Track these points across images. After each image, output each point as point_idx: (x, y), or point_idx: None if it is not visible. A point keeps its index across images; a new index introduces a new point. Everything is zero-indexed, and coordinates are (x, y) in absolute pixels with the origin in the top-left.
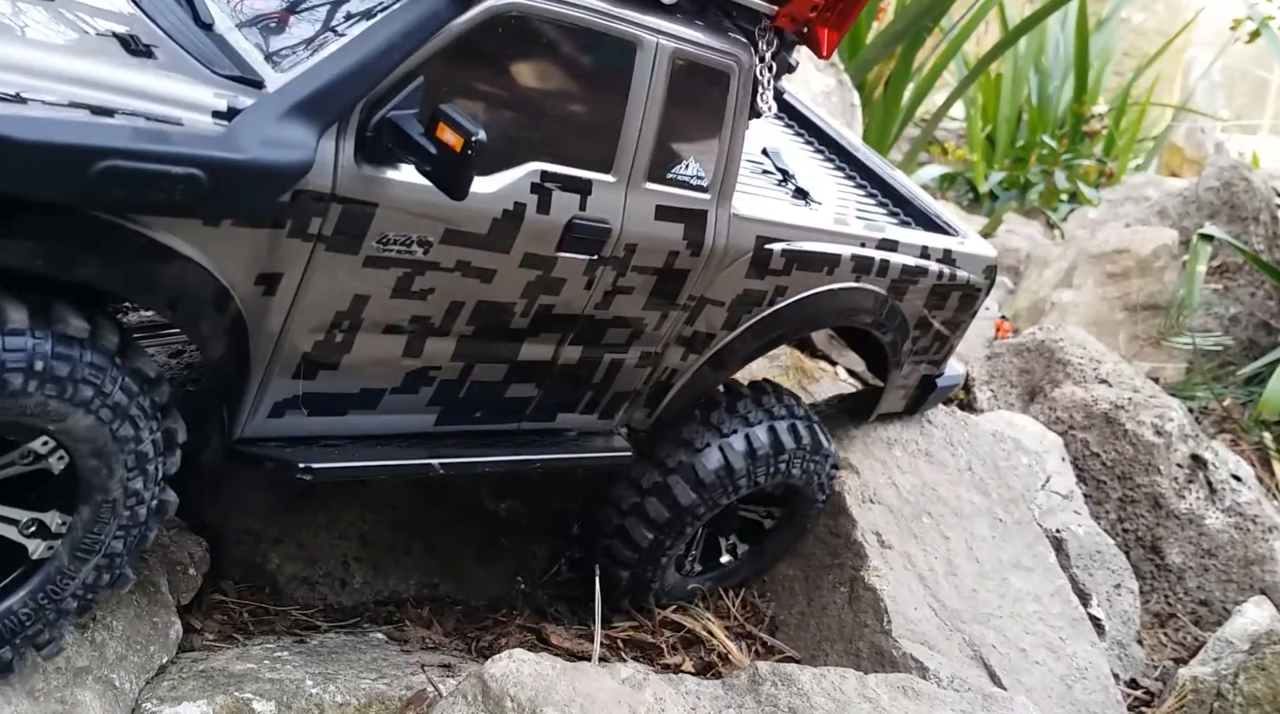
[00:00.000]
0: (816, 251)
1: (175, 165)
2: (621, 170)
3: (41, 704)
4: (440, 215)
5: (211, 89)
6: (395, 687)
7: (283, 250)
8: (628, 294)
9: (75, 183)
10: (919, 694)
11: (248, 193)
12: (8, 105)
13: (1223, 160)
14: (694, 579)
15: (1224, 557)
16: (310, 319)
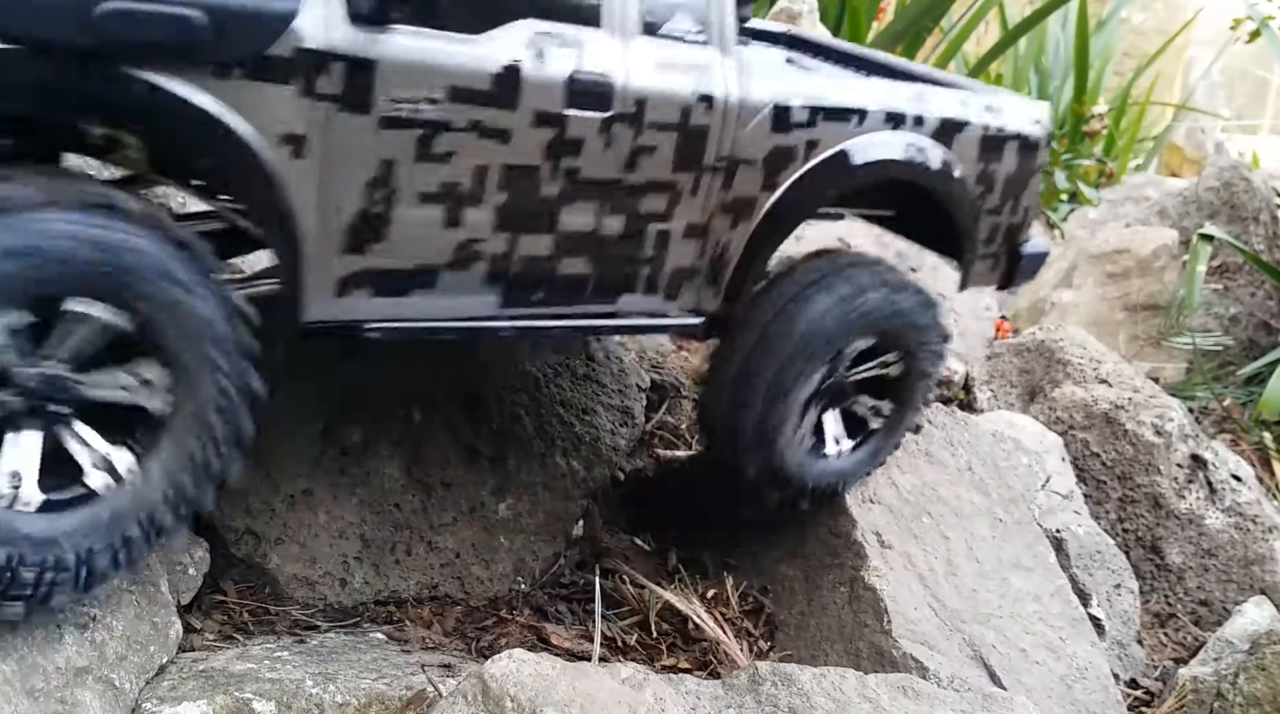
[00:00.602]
0: (840, 104)
1: (171, 6)
2: (612, 23)
3: (41, 704)
4: (441, 71)
5: None
6: (395, 687)
7: (299, 110)
8: (652, 154)
9: (82, 22)
10: (919, 694)
11: (246, 36)
12: None
13: (1223, 160)
14: (843, 460)
15: (1224, 557)
16: (346, 183)
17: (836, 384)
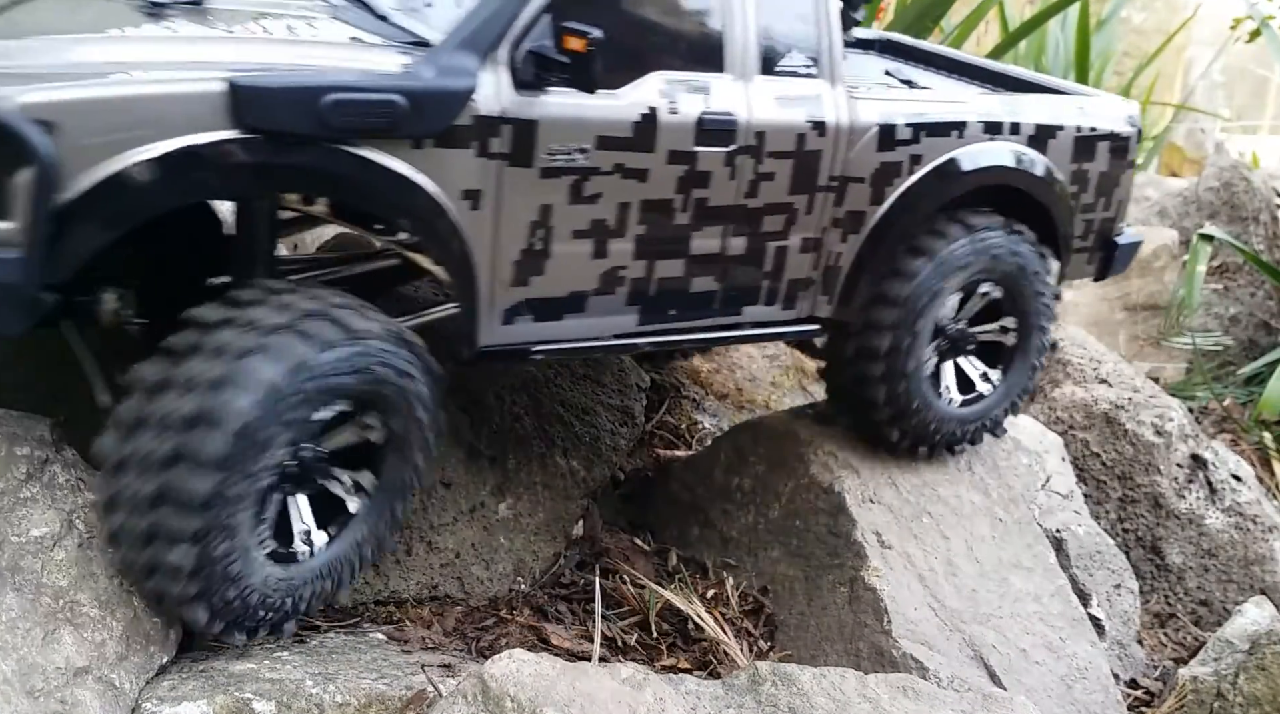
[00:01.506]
0: (941, 120)
1: (376, 96)
2: (735, 67)
3: (41, 704)
4: (589, 124)
5: (397, 55)
6: (395, 687)
7: (476, 169)
8: (771, 181)
9: (322, 116)
10: (919, 694)
11: (438, 111)
12: (256, 75)
13: (1223, 160)
14: (971, 406)
15: (1224, 557)
16: (512, 228)
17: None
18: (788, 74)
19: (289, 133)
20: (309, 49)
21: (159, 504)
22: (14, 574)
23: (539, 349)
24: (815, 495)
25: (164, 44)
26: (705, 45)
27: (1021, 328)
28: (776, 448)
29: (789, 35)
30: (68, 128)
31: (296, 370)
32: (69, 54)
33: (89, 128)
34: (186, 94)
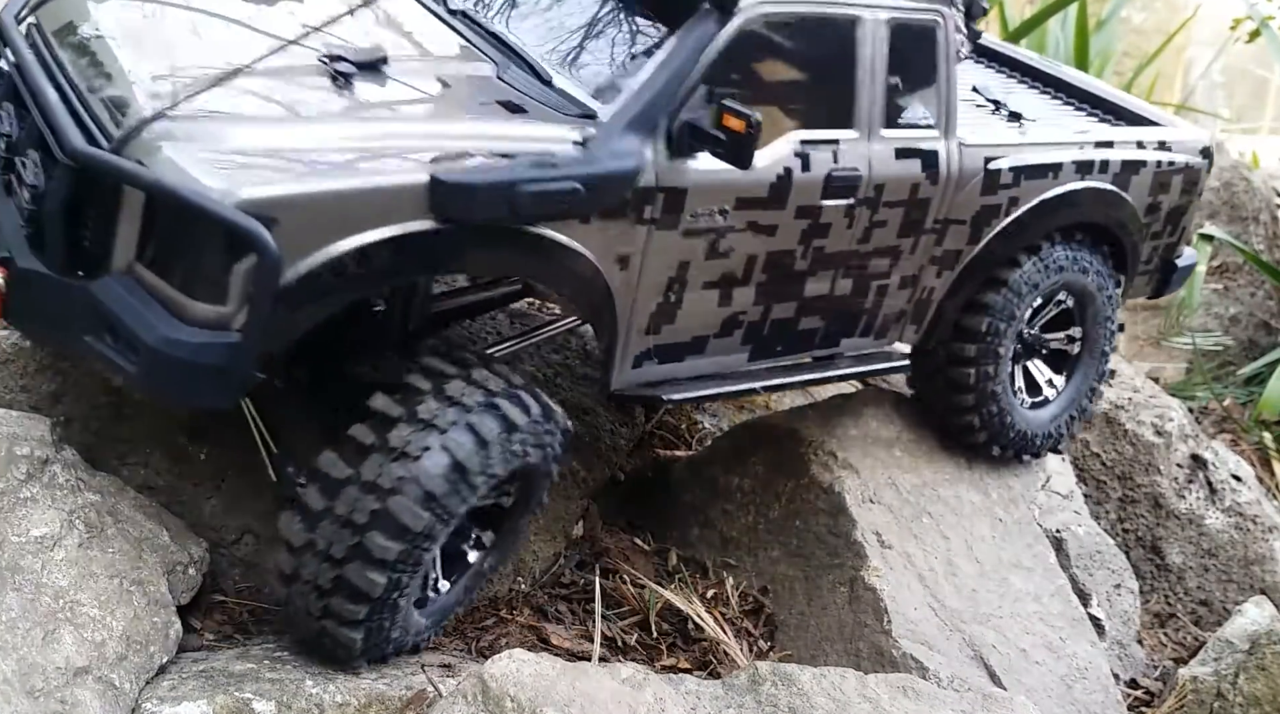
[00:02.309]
0: (1039, 162)
1: (561, 185)
2: (861, 125)
3: (41, 704)
4: (732, 187)
5: (568, 128)
6: (395, 686)
7: (629, 234)
8: (883, 227)
9: (513, 205)
10: (919, 694)
11: (610, 194)
12: (462, 161)
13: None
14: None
15: (1224, 557)
16: (652, 284)
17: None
18: (908, 127)
19: (482, 222)
20: (489, 125)
21: (350, 560)
22: (14, 574)
23: (670, 397)
24: (815, 495)
25: (363, 124)
26: (838, 105)
27: (1085, 340)
28: (776, 448)
29: (912, 91)
30: (285, 222)
31: (482, 454)
32: (275, 138)
33: (304, 221)
34: (394, 187)
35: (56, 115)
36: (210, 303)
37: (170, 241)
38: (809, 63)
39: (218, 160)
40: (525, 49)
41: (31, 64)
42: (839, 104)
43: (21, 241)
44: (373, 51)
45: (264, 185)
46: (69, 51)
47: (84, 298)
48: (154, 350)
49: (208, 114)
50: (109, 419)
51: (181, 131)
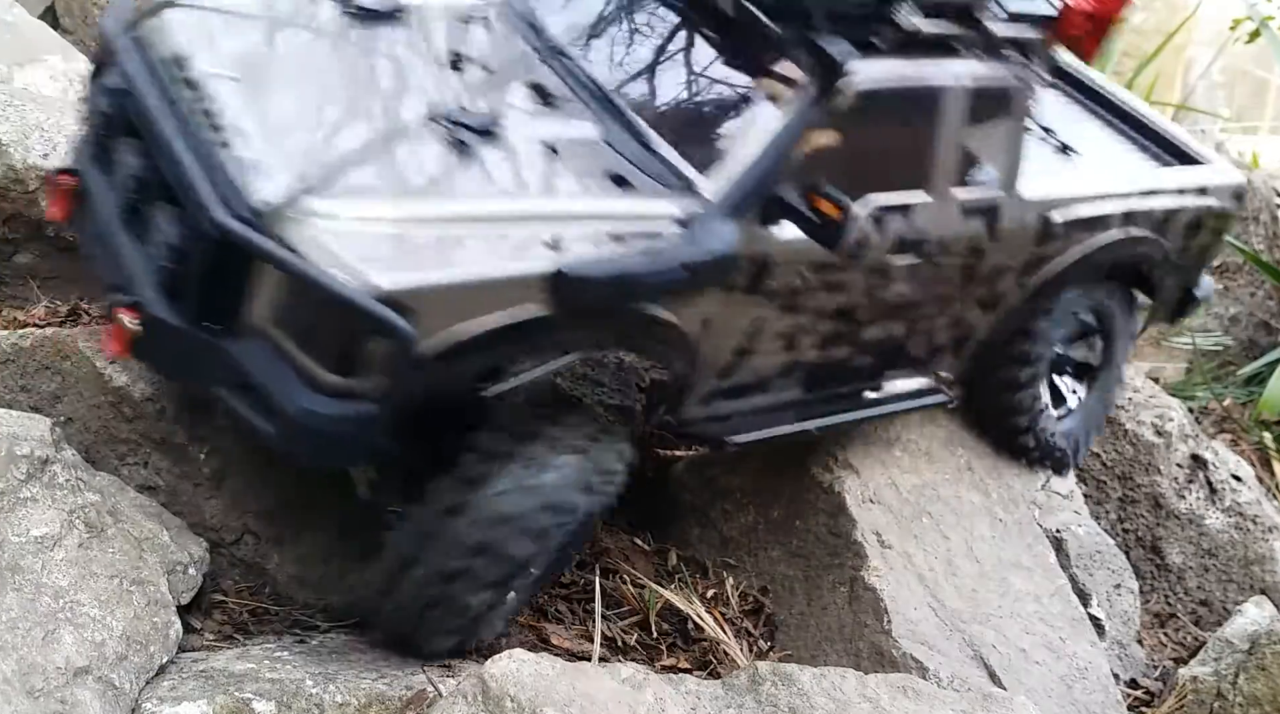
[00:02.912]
0: (1090, 215)
1: (670, 272)
2: (934, 186)
3: (41, 704)
4: (812, 254)
5: (671, 202)
6: (395, 686)
7: (714, 300)
8: (941, 278)
9: (627, 293)
10: (919, 694)
11: (711, 275)
12: (574, 250)
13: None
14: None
15: (1224, 557)
16: (730, 338)
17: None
18: (975, 184)
19: (598, 308)
20: (599, 201)
21: (456, 579)
22: (14, 574)
23: (734, 441)
24: (815, 495)
25: (484, 202)
26: (914, 169)
27: (1105, 351)
28: (777, 448)
29: (983, 150)
30: (419, 310)
31: (579, 495)
32: (407, 216)
33: (436, 309)
34: (518, 278)
35: (196, 182)
36: (343, 376)
37: (307, 314)
38: (893, 131)
39: (356, 243)
40: (628, 111)
41: (153, 106)
42: (915, 168)
43: (151, 286)
44: (488, 117)
45: (401, 273)
46: (184, 89)
47: (219, 354)
48: (293, 419)
49: (340, 192)
50: (109, 419)
51: (319, 211)
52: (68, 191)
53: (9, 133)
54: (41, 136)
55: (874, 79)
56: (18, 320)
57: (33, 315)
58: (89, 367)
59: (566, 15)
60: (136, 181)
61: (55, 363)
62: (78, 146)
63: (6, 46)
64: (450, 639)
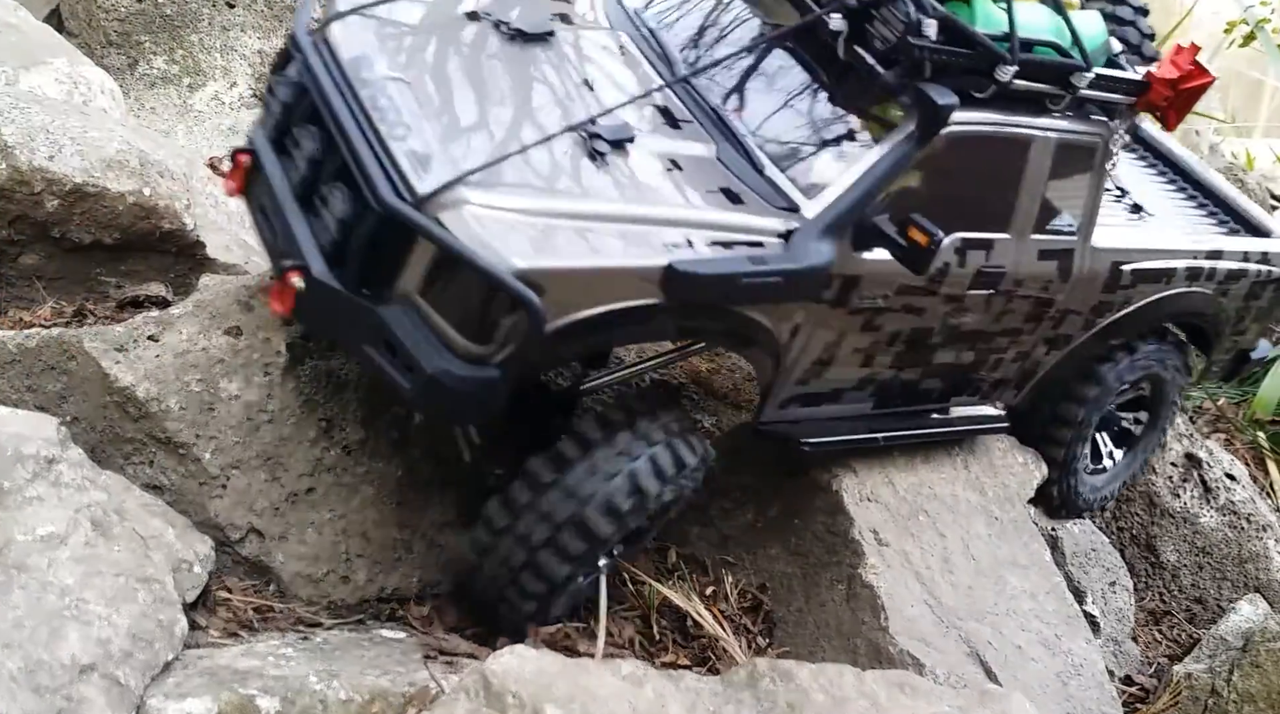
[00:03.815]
0: (1157, 267)
1: (769, 277)
2: (1015, 228)
3: (47, 700)
4: (897, 277)
5: (775, 218)
6: (398, 683)
7: (805, 311)
8: (1012, 313)
9: (728, 292)
10: (916, 691)
11: (804, 286)
12: (687, 251)
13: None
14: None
15: (1218, 555)
16: (813, 348)
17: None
18: (1053, 232)
19: (703, 303)
20: (712, 212)
21: (543, 548)
22: (20, 572)
23: (807, 444)
24: (813, 494)
25: (613, 204)
26: (998, 211)
27: (1149, 424)
28: (775, 447)
29: (1063, 199)
30: (549, 289)
31: (658, 484)
32: (546, 211)
33: (564, 290)
34: (638, 269)
35: (370, 168)
36: (477, 343)
37: (451, 286)
38: (983, 174)
39: (501, 228)
40: (743, 135)
41: (334, 95)
42: (999, 210)
43: (317, 255)
44: (622, 129)
45: (537, 257)
46: (365, 89)
47: (371, 317)
48: (430, 377)
49: (489, 185)
50: (115, 418)
51: (471, 199)
52: (245, 168)
53: (14, 135)
54: (46, 138)
55: (969, 125)
56: (23, 321)
57: (38, 316)
58: (94, 367)
59: (694, 51)
60: (311, 163)
61: (61, 363)
62: (255, 129)
63: (11, 49)
64: (530, 605)
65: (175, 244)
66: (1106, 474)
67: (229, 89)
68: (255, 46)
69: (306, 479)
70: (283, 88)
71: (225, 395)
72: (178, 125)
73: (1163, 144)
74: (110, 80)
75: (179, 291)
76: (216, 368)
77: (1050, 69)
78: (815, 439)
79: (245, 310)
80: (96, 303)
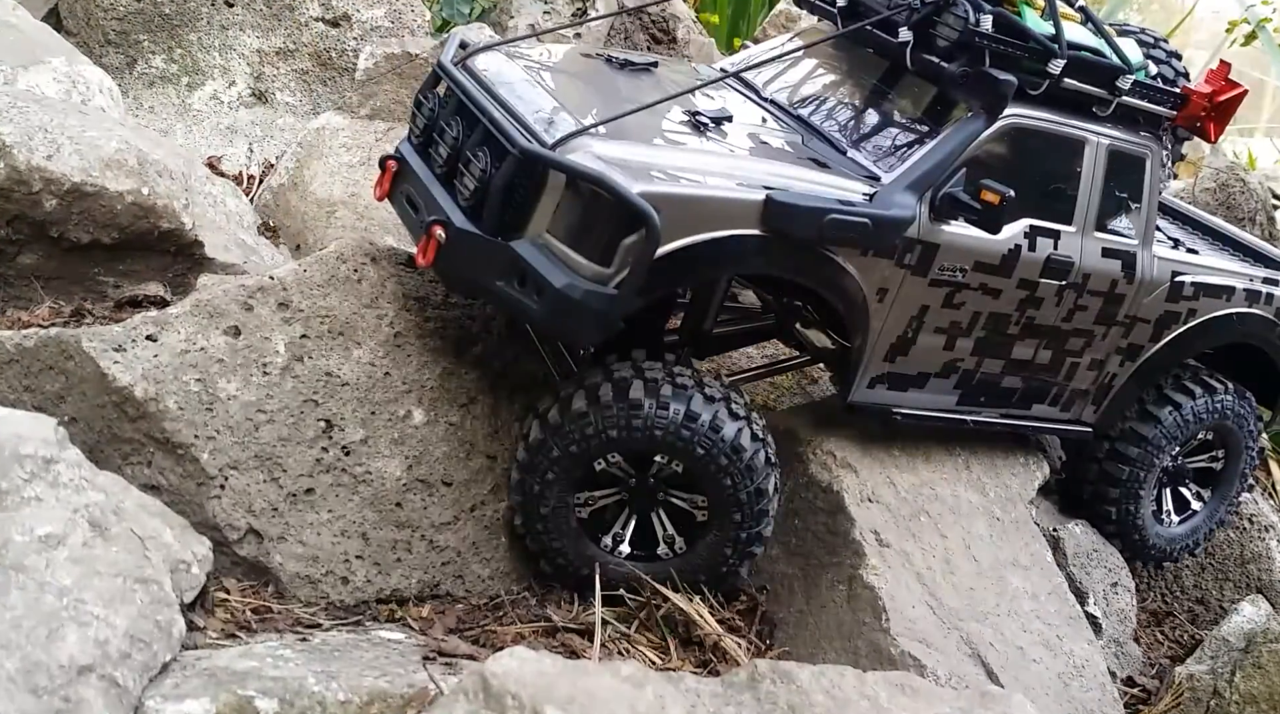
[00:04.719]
0: (1217, 283)
1: (856, 218)
2: (1078, 223)
3: (44, 702)
4: (974, 251)
5: (860, 183)
6: (397, 684)
7: (890, 273)
8: (1084, 311)
9: (820, 227)
10: (917, 692)
11: (887, 233)
12: (784, 193)
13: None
14: (1173, 527)
15: (1220, 555)
16: (898, 318)
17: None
18: (1114, 233)
19: (795, 236)
20: (806, 171)
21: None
22: (18, 572)
23: (899, 412)
24: (814, 494)
25: (716, 158)
26: (1062, 204)
27: (1228, 462)
28: (776, 447)
29: (1120, 204)
30: (664, 212)
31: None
32: (658, 158)
33: (677, 215)
34: (740, 201)
35: (506, 126)
36: (598, 264)
37: (575, 217)
38: (1044, 166)
39: (620, 165)
40: (826, 129)
41: (477, 93)
42: (1063, 203)
43: (457, 212)
44: (721, 111)
45: (653, 184)
46: (500, 87)
47: (506, 253)
48: (557, 291)
49: (612, 136)
50: (112, 419)
51: (595, 145)
52: (392, 172)
53: (13, 134)
54: (45, 138)
55: (1028, 118)
56: (21, 320)
57: (36, 315)
58: (92, 366)
59: (780, 81)
60: (453, 146)
61: (59, 363)
62: (402, 143)
63: (10, 49)
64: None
65: (174, 243)
66: (1199, 516)
67: (228, 88)
68: (254, 46)
69: (305, 480)
70: (427, 104)
71: (224, 395)
72: (176, 124)
73: (1176, 204)
74: (109, 79)
75: (177, 291)
76: (215, 368)
77: (1095, 69)
78: (908, 410)
79: (244, 310)
80: (95, 302)
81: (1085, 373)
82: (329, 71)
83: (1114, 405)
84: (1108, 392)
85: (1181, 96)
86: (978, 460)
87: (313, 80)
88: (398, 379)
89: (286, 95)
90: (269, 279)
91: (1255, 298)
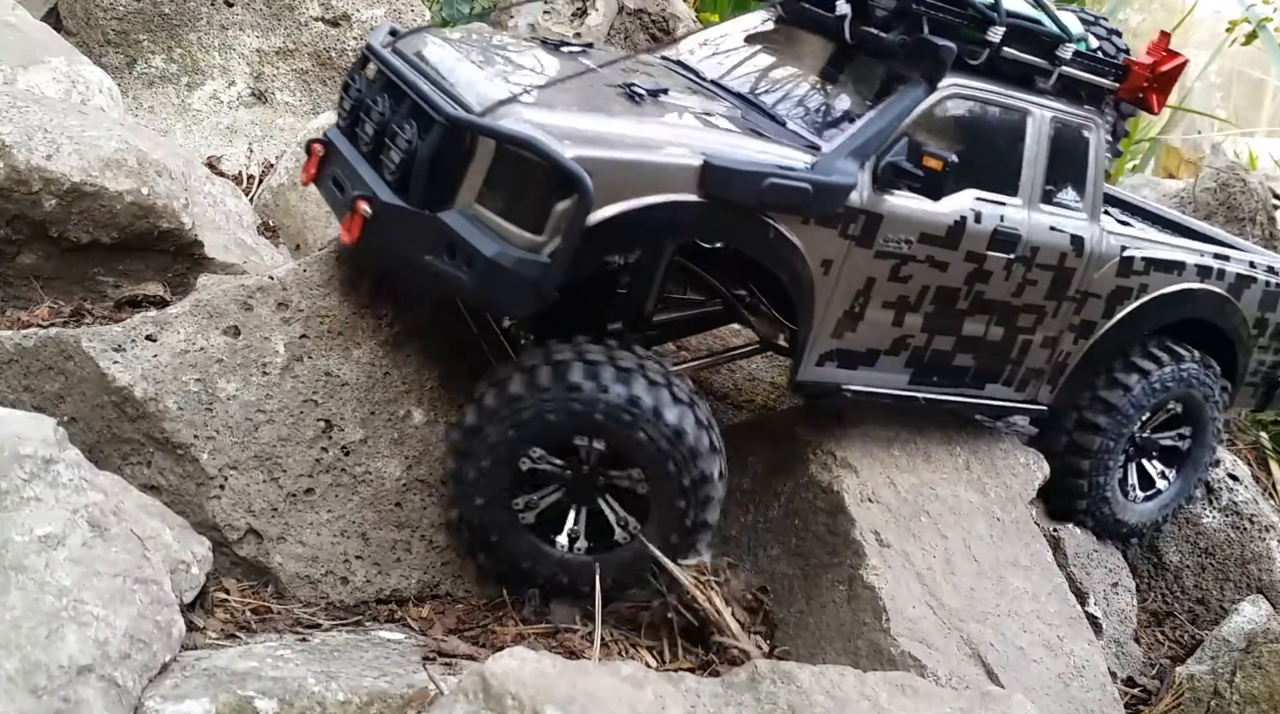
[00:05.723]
0: (1167, 258)
1: (795, 182)
2: (1024, 196)
3: (44, 702)
4: (919, 222)
5: (800, 152)
6: (397, 684)
7: (835, 244)
8: (1034, 286)
9: (759, 192)
10: (917, 692)
11: (828, 200)
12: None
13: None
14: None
15: (1221, 555)
16: (844, 292)
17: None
18: (1061, 206)
19: (734, 202)
20: (745, 139)
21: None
22: (18, 573)
23: (847, 388)
24: (814, 495)
25: (652, 126)
26: (1007, 176)
27: (1195, 437)
28: (776, 448)
29: (1065, 178)
30: (597, 176)
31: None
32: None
33: (610, 179)
34: (676, 166)
35: (433, 97)
36: (530, 232)
37: (505, 185)
38: (987, 137)
39: (552, 131)
40: (766, 104)
41: (405, 69)
42: (1008, 175)
43: (383, 186)
44: (658, 84)
45: (585, 148)
46: (428, 65)
47: (434, 225)
48: (488, 261)
49: (543, 104)
50: (112, 419)
51: (525, 113)
52: (318, 156)
53: (12, 134)
54: (44, 138)
55: (969, 88)
56: (21, 321)
57: (36, 316)
58: (92, 366)
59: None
60: (379, 123)
61: (58, 363)
62: (330, 128)
63: (9, 48)
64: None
65: (173, 243)
66: (1163, 496)
67: (227, 88)
68: (254, 45)
69: (305, 480)
70: (355, 84)
71: (223, 395)
72: (176, 124)
73: (1121, 193)
74: (108, 79)
75: (177, 291)
76: (214, 367)
77: (1035, 38)
78: (856, 386)
79: (244, 310)
80: (94, 302)
81: (1039, 351)
82: (329, 71)
83: (1070, 384)
84: (1063, 370)
85: (1123, 68)
86: (978, 460)
87: (312, 80)
88: (398, 379)
89: (286, 95)
90: (268, 279)
91: (1206, 273)
